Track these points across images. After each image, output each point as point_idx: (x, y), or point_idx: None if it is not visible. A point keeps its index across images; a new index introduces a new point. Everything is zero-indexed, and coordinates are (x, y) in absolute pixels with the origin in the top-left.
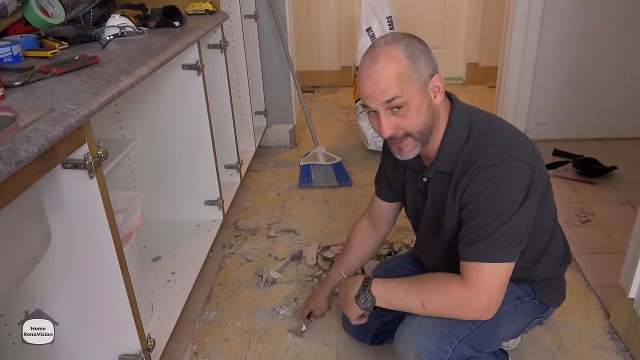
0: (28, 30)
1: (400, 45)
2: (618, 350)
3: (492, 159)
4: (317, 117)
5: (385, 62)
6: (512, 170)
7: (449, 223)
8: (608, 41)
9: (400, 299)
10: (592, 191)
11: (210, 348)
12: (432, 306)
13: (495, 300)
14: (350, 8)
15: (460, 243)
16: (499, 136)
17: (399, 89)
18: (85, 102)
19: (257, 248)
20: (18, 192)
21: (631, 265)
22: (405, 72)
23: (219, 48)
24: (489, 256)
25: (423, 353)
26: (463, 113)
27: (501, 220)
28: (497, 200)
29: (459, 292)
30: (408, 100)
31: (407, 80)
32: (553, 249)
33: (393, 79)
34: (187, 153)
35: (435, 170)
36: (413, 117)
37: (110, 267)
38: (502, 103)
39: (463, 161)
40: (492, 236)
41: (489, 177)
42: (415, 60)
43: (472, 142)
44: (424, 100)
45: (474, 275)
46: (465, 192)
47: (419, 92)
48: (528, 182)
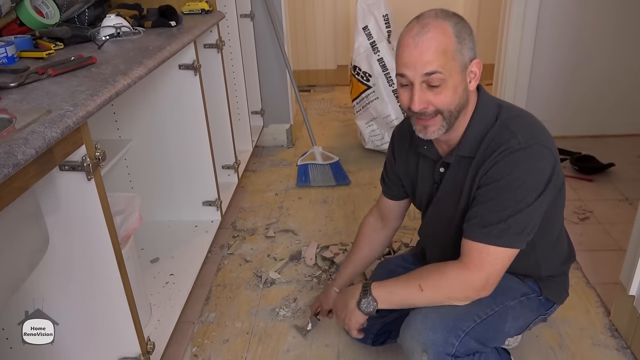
0: (22, 30)
1: (451, 22)
2: (619, 348)
3: (521, 142)
4: (314, 117)
5: (435, 34)
6: (538, 156)
7: (462, 212)
8: (604, 39)
9: (399, 292)
10: (590, 188)
11: (210, 350)
12: (430, 287)
13: (493, 279)
14: (346, 7)
15: (469, 221)
16: (526, 122)
17: (442, 65)
18: (83, 103)
19: (255, 248)
20: (15, 195)
21: (631, 262)
22: (452, 49)
23: (215, 48)
24: (499, 241)
25: (430, 346)
26: (490, 100)
27: (518, 207)
28: (518, 186)
29: (457, 270)
30: (447, 78)
31: (452, 58)
32: (561, 245)
33: (439, 53)
34: (184, 153)
35: (457, 155)
36: (449, 95)
37: (109, 269)
38: None
39: (487, 144)
40: (505, 222)
41: (514, 161)
42: (463, 40)
43: (499, 125)
44: (461, 81)
45: (476, 256)
46: (487, 172)
47: (459, 72)
48: (550, 170)
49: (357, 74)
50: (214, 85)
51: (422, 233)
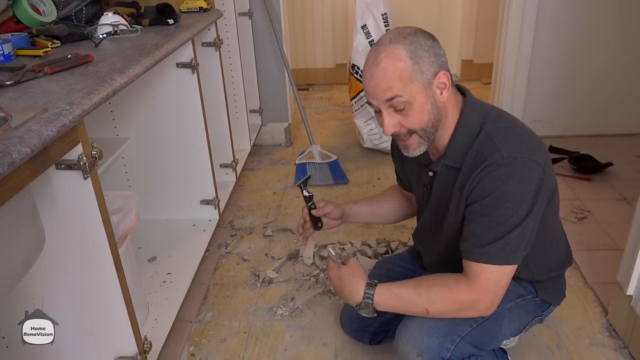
0: (19, 28)
1: (404, 44)
2: (616, 348)
3: (504, 157)
4: (312, 115)
5: (386, 63)
6: (524, 170)
7: (452, 219)
8: (602, 38)
9: (403, 308)
10: (588, 188)
11: (207, 349)
12: (437, 310)
13: (498, 299)
14: (345, 5)
15: (466, 241)
16: (511, 133)
17: (401, 89)
18: (79, 102)
19: (253, 247)
20: (11, 194)
21: (629, 262)
22: (407, 72)
23: (213, 46)
24: (498, 259)
25: (425, 351)
26: (476, 108)
27: (511, 222)
28: (506, 200)
29: (468, 295)
30: (410, 100)
31: (409, 80)
32: (556, 250)
33: (395, 80)
34: (182, 152)
35: (442, 164)
36: (416, 115)
37: (105, 269)
38: (497, 100)
39: (472, 157)
40: (501, 240)
41: (500, 176)
42: (419, 59)
43: (483, 137)
44: (427, 99)
45: (482, 277)
46: (474, 190)
47: (422, 92)
48: (538, 182)
49: (355, 72)
50: (211, 84)
51: (416, 237)
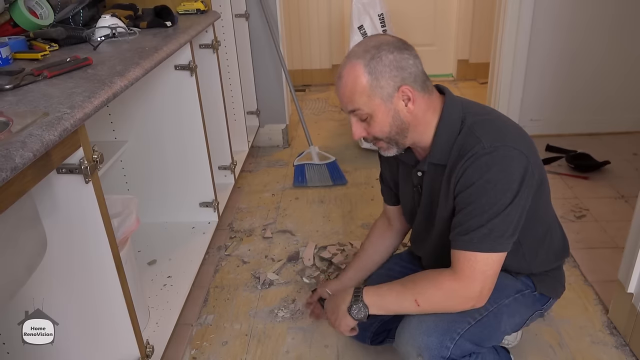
0: (16, 32)
1: (364, 60)
2: (618, 346)
3: (485, 147)
4: (309, 116)
5: (346, 79)
6: (507, 158)
7: (443, 214)
8: (599, 37)
9: (393, 302)
10: (586, 186)
11: (208, 352)
12: (426, 302)
13: (487, 288)
14: (341, 6)
15: (453, 231)
16: (492, 125)
17: (360, 103)
18: (80, 105)
19: (253, 249)
20: (13, 199)
21: (629, 260)
22: (366, 88)
23: (211, 48)
24: (482, 246)
25: (424, 350)
26: (455, 106)
27: (495, 209)
28: (490, 188)
29: (451, 283)
30: (370, 112)
31: (368, 96)
32: (550, 242)
33: (354, 94)
34: (181, 154)
35: (429, 162)
36: (377, 126)
37: (107, 273)
38: (494, 99)
39: (457, 151)
40: (485, 226)
41: (483, 165)
42: (379, 74)
43: (465, 131)
44: (388, 111)
45: (466, 265)
46: (459, 180)
47: (381, 105)
48: (523, 170)
49: None
50: (209, 86)
51: (413, 244)
